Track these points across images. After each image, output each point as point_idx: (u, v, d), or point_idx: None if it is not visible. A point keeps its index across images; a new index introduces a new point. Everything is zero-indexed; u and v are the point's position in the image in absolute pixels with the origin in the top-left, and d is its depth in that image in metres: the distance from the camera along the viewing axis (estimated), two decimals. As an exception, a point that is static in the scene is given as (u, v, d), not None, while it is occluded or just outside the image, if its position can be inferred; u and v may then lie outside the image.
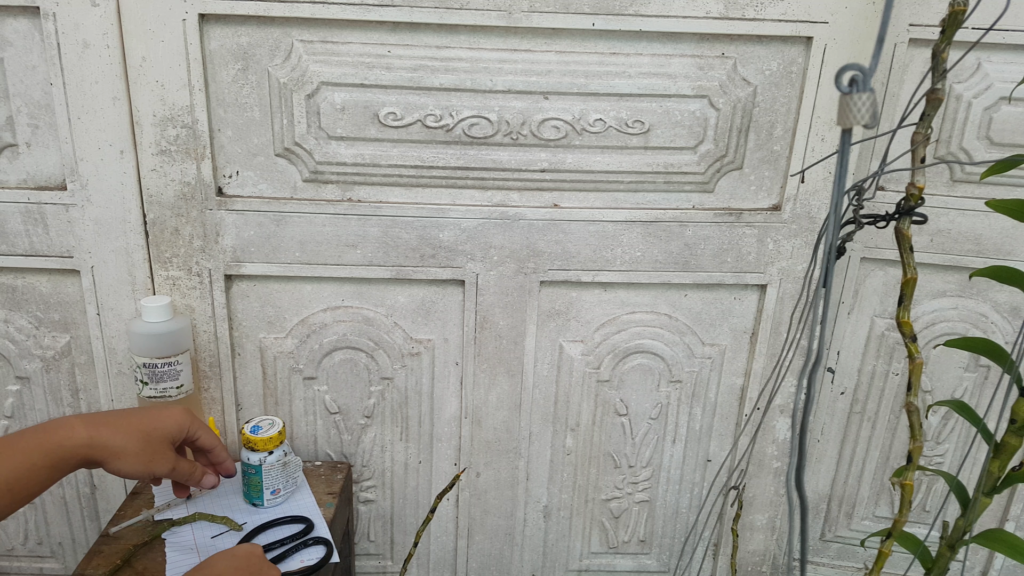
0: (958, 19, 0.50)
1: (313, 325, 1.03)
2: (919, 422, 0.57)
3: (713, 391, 1.11)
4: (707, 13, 0.90)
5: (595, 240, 1.00)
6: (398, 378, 1.07)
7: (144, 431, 0.74)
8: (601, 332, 1.07)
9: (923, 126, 0.53)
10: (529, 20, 0.89)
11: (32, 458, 0.66)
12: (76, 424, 0.70)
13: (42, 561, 1.15)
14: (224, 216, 0.96)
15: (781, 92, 0.95)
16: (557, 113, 0.94)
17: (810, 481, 1.22)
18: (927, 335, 1.10)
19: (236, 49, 0.89)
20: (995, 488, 0.63)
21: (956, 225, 1.03)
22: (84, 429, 0.70)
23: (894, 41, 0.96)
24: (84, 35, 0.86)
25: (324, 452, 1.10)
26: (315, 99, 0.91)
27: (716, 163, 0.98)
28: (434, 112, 0.93)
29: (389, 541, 1.18)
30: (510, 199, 0.98)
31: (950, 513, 1.19)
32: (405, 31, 0.90)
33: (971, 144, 0.99)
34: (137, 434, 0.73)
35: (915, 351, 0.56)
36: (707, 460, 1.16)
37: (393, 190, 0.97)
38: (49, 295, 1.00)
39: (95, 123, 0.90)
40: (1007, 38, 0.94)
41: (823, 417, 1.18)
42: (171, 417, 0.78)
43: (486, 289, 1.02)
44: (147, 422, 0.75)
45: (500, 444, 1.11)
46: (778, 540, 1.22)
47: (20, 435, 0.67)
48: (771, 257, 1.02)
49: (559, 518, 1.18)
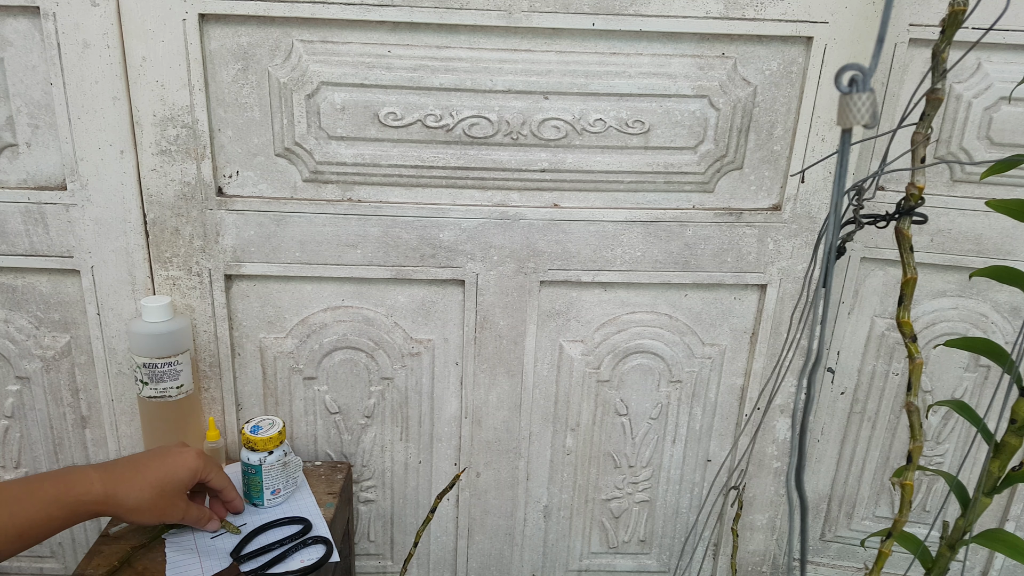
0: (958, 19, 0.50)
1: (313, 325, 1.03)
2: (919, 422, 0.57)
3: (713, 391, 1.11)
4: (707, 13, 0.90)
5: (595, 240, 1.00)
6: (398, 378, 1.07)
7: (159, 485, 0.78)
8: (601, 332, 1.07)
9: (923, 126, 0.53)
10: (529, 20, 0.89)
11: (50, 510, 0.70)
12: (94, 479, 0.74)
13: (42, 561, 1.15)
14: (224, 216, 0.96)
15: (781, 92, 0.95)
16: (557, 113, 0.94)
17: (810, 481, 1.22)
18: (927, 335, 1.10)
19: (236, 49, 0.89)
20: (995, 488, 0.63)
21: (956, 225, 1.03)
22: (101, 486, 0.74)
23: (894, 41, 0.96)
24: (84, 35, 0.86)
25: (324, 452, 1.10)
26: (315, 99, 0.91)
27: (716, 163, 0.98)
28: (434, 112, 0.93)
29: (389, 541, 1.18)
30: (510, 199, 0.98)
31: (950, 513, 1.19)
32: (405, 31, 0.90)
33: (971, 144, 0.99)
34: (152, 489, 0.77)
35: (915, 351, 0.56)
36: (707, 460, 1.16)
37: (393, 190, 0.97)
38: (49, 295, 1.00)
39: (95, 123, 0.90)
40: (1007, 38, 0.94)
41: (823, 417, 1.18)
42: (185, 465, 0.81)
43: (486, 289, 1.02)
44: (162, 474, 0.79)
45: (500, 444, 1.11)
46: (778, 540, 1.22)
47: (39, 484, 0.71)
48: (771, 257, 1.02)
49: (559, 518, 1.18)
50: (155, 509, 0.77)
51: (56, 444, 1.07)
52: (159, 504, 0.77)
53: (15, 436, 1.07)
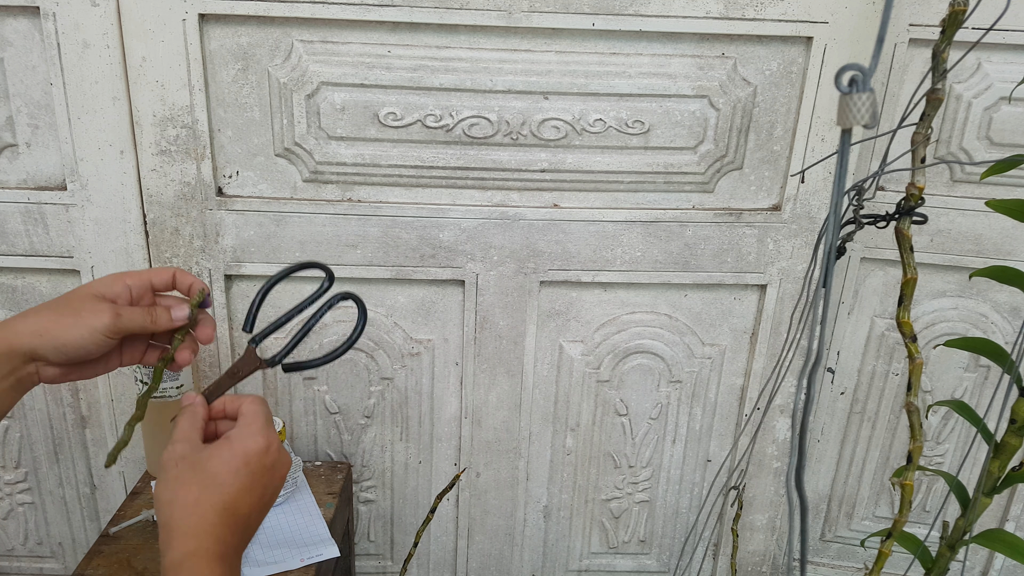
0: (958, 19, 0.50)
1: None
2: (919, 422, 0.57)
3: (713, 391, 1.11)
4: (707, 13, 0.90)
5: (595, 240, 1.00)
6: (398, 378, 1.07)
7: (60, 299, 0.60)
8: (601, 332, 1.07)
9: (923, 126, 0.53)
10: (529, 20, 0.89)
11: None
12: (20, 329, 0.58)
13: (42, 561, 1.15)
14: (224, 216, 0.96)
15: (781, 92, 0.95)
16: (557, 113, 0.94)
17: (810, 481, 1.22)
18: (927, 335, 1.10)
19: (236, 49, 0.89)
20: (995, 488, 0.63)
21: (956, 225, 1.03)
22: (10, 323, 0.58)
23: (894, 41, 0.96)
24: (84, 35, 0.86)
25: (324, 452, 1.10)
26: (315, 99, 0.91)
27: (716, 163, 0.98)
28: (434, 112, 0.93)
29: (389, 541, 1.18)
30: (510, 199, 0.98)
31: (950, 513, 1.19)
32: (405, 31, 0.90)
33: (971, 144, 0.99)
34: (52, 304, 0.60)
35: (915, 351, 0.56)
36: (707, 460, 1.16)
37: (393, 190, 0.97)
38: (49, 295, 0.99)
39: (95, 123, 0.90)
40: (1007, 38, 0.94)
41: (823, 417, 1.18)
42: (93, 281, 0.61)
43: (486, 289, 1.02)
44: (64, 294, 0.62)
45: (500, 444, 1.11)
46: (778, 540, 1.22)
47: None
48: (771, 257, 1.02)
49: (559, 518, 1.18)
50: (66, 315, 0.59)
51: (56, 444, 1.07)
52: (68, 310, 0.59)
53: (15, 436, 1.07)
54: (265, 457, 0.53)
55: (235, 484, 0.51)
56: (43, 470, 1.09)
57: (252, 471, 0.52)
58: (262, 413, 0.55)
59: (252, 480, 0.52)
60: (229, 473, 0.51)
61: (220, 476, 0.51)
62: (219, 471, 0.51)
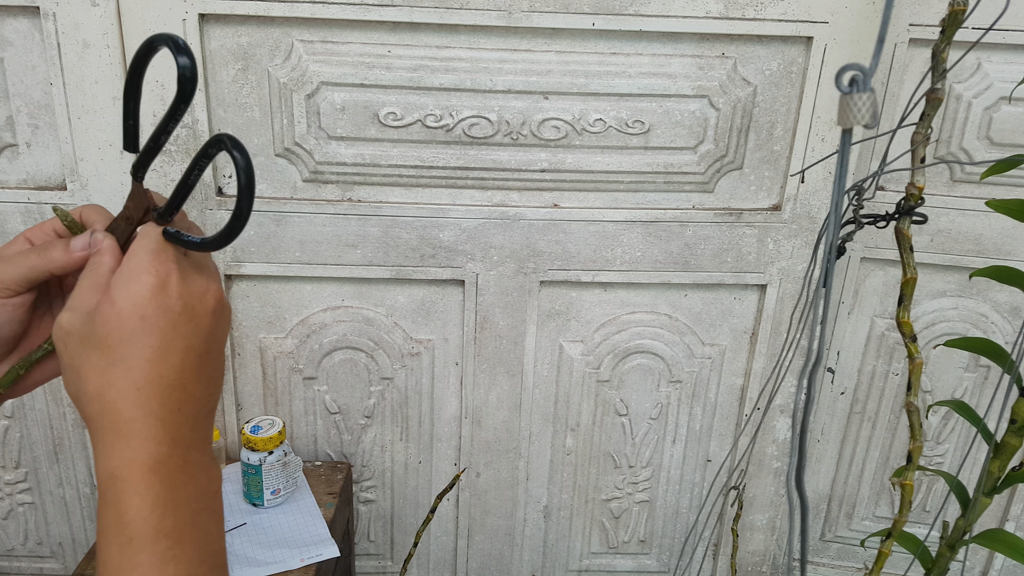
0: (958, 19, 0.50)
1: (313, 325, 1.03)
2: (919, 422, 0.57)
3: (713, 391, 1.11)
4: (707, 13, 0.90)
5: (595, 240, 1.00)
6: (398, 378, 1.07)
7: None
8: (601, 332, 1.07)
9: (923, 126, 0.53)
10: (529, 20, 0.89)
11: None
12: None
13: (42, 561, 1.15)
14: (224, 216, 0.96)
15: (781, 92, 0.95)
16: (557, 113, 0.94)
17: (810, 481, 1.22)
18: (927, 335, 1.09)
19: (236, 49, 0.89)
20: (995, 488, 0.63)
21: (956, 225, 1.03)
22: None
23: (894, 41, 0.96)
24: (84, 35, 0.86)
25: (324, 452, 1.10)
26: (315, 99, 0.91)
27: (716, 163, 0.98)
28: (434, 112, 0.93)
29: (389, 541, 1.18)
30: (510, 199, 0.98)
31: (950, 513, 1.19)
32: (405, 31, 0.90)
33: (971, 144, 0.99)
34: None
35: (915, 351, 0.56)
36: (707, 460, 1.16)
37: (393, 190, 0.97)
38: (49, 295, 0.99)
39: (95, 123, 0.90)
40: (1007, 38, 0.94)
41: (823, 417, 1.18)
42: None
43: (486, 289, 1.02)
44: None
45: (500, 444, 1.11)
46: (778, 540, 1.22)
47: None
48: (771, 257, 1.02)
49: (559, 518, 1.18)
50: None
51: (56, 444, 1.07)
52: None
53: (15, 436, 1.07)
54: (164, 298, 0.37)
55: (138, 351, 0.36)
56: (43, 470, 1.09)
57: (155, 325, 0.37)
58: (146, 243, 0.38)
59: (161, 337, 0.37)
60: (123, 339, 0.36)
61: (116, 347, 0.36)
62: (113, 340, 0.36)
